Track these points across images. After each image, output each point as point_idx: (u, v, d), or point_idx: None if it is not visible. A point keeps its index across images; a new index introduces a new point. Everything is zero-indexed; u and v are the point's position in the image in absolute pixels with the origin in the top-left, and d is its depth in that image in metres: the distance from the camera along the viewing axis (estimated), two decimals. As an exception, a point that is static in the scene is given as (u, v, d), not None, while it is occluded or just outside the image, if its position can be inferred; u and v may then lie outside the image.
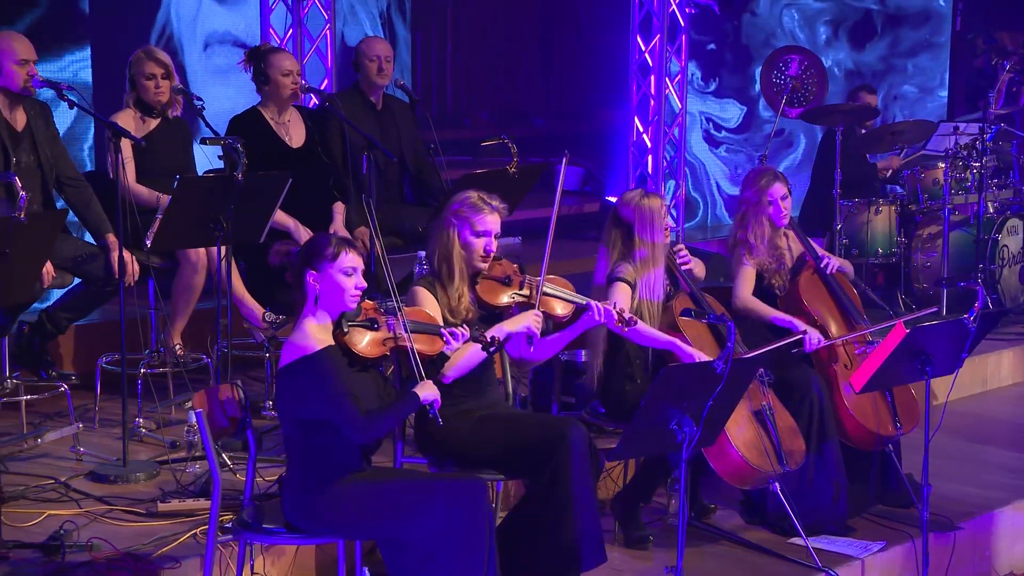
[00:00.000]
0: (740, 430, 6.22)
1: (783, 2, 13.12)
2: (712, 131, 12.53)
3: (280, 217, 7.26)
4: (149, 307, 7.32)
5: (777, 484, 6.29)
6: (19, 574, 5.37)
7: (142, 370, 7.04)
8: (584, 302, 5.95)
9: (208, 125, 7.07)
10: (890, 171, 10.66)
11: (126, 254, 6.64)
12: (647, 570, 6.15)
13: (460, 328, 5.40)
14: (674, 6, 11.20)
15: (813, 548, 6.26)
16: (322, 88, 9.20)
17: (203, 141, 6.99)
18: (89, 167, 8.81)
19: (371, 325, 5.16)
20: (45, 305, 7.31)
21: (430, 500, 5.07)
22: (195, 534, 5.64)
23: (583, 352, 6.72)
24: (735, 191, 12.14)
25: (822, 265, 6.99)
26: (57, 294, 7.28)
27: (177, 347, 7.23)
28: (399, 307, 5.21)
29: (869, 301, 9.42)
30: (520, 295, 5.83)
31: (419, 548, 5.04)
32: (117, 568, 5.40)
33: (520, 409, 6.65)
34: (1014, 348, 9.58)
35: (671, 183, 11.55)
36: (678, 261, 6.60)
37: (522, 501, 5.74)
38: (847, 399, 6.64)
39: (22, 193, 5.59)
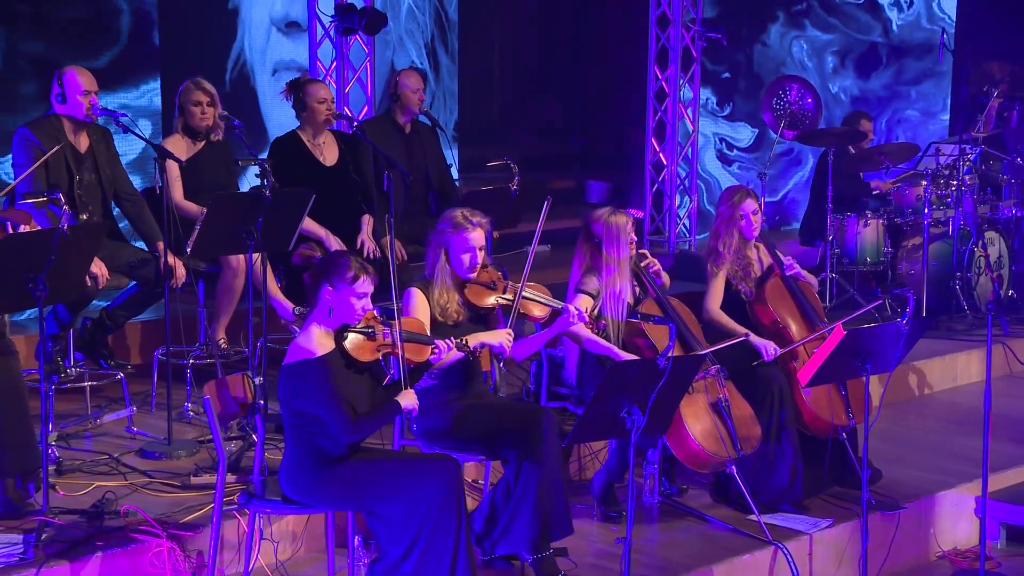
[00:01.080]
0: (698, 421, 6.27)
1: (792, 34, 12.97)
2: (725, 151, 12.41)
3: (313, 227, 7.36)
4: (199, 306, 7.44)
5: (734, 467, 6.33)
6: (61, 535, 5.42)
7: (191, 361, 7.16)
8: (560, 306, 6.04)
9: (247, 147, 7.13)
10: (880, 191, 10.68)
11: (173, 260, 6.74)
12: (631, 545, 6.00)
13: (447, 340, 5.46)
14: (687, 40, 11.12)
15: (768, 524, 6.30)
16: (363, 112, 9.29)
17: (237, 162, 7.14)
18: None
19: (369, 333, 5.23)
20: (105, 304, 7.36)
21: (408, 477, 5.16)
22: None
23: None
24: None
25: (788, 274, 7.01)
26: (115, 294, 7.35)
27: (221, 341, 7.34)
28: (398, 317, 5.28)
29: (856, 304, 9.54)
30: (503, 298, 5.91)
31: (398, 518, 5.13)
32: (145, 532, 5.47)
33: (512, 400, 6.76)
34: (995, 345, 9.37)
35: (685, 197, 11.51)
36: (648, 268, 6.62)
37: (501, 480, 5.77)
38: (805, 392, 6.63)
39: (66, 210, 5.70)
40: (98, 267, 6.60)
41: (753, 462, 6.58)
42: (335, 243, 7.45)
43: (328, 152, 7.76)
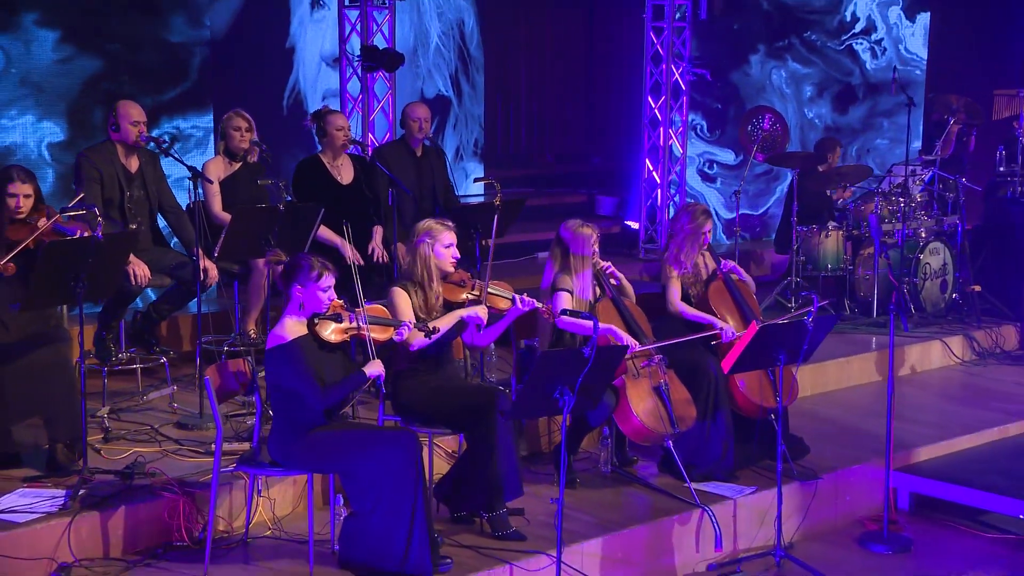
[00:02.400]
0: (641, 401, 6.39)
1: (771, 64, 12.81)
2: (707, 170, 12.34)
3: (330, 235, 7.41)
4: (234, 302, 7.60)
5: (671, 442, 6.46)
6: (95, 492, 5.63)
7: (226, 348, 7.26)
8: (525, 300, 6.10)
9: (263, 170, 7.33)
10: (841, 200, 10.73)
11: (206, 263, 6.86)
12: (575, 505, 6.21)
13: (408, 322, 5.62)
14: (676, 75, 11.19)
15: (699, 491, 6.42)
16: (386, 137, 9.33)
17: (258, 182, 7.27)
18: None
19: (336, 318, 5.39)
20: (151, 300, 7.53)
21: (372, 446, 5.32)
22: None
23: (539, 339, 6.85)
24: (730, 215, 12.23)
25: (724, 270, 7.11)
26: (159, 292, 7.44)
27: (251, 332, 7.45)
28: (362, 306, 5.47)
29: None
30: (472, 294, 6.05)
31: (367, 479, 5.28)
32: (165, 490, 5.67)
33: (475, 383, 6.87)
34: (937, 340, 9.51)
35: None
36: (607, 274, 6.74)
37: (463, 451, 5.96)
38: (738, 378, 6.74)
39: (100, 220, 5.90)
40: (140, 267, 6.72)
41: (692, 438, 6.69)
42: (349, 250, 7.44)
43: (345, 172, 7.80)
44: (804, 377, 8.45)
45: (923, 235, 10.15)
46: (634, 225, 11.64)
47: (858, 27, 13.45)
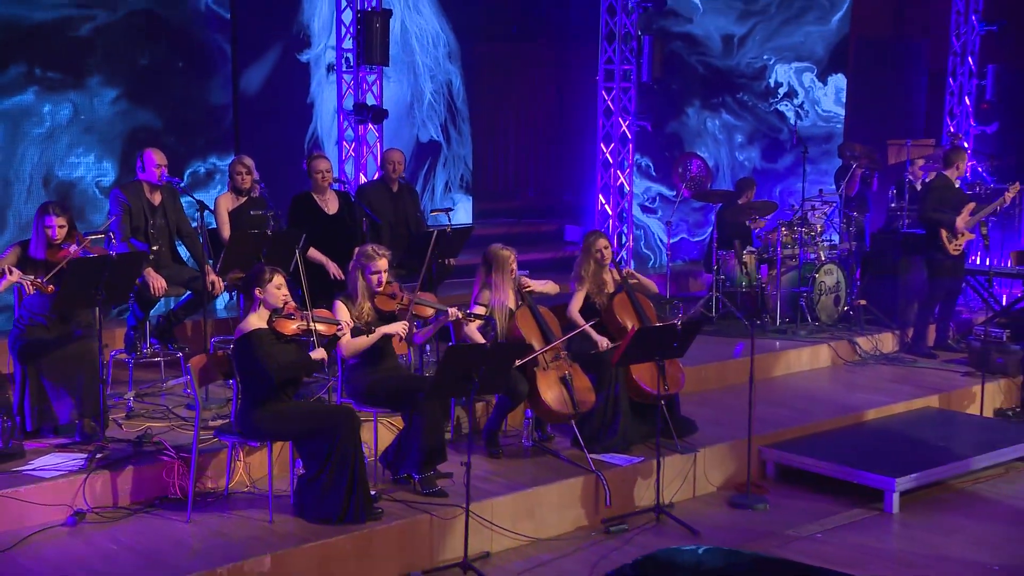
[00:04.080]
0: (549, 389, 6.62)
1: (706, 114, 12.88)
2: (647, 204, 12.46)
3: (318, 256, 7.65)
4: (240, 309, 7.63)
5: (573, 421, 6.68)
6: (110, 456, 5.94)
7: (231, 347, 7.57)
8: (442, 309, 6.39)
9: (266, 203, 7.49)
10: (757, 229, 10.97)
11: (213, 277, 7.11)
12: (495, 471, 6.48)
13: (346, 323, 5.90)
14: (624, 127, 11.45)
15: (596, 460, 6.57)
16: (375, 175, 9.34)
17: (250, 212, 7.45)
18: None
19: (289, 316, 5.66)
20: (171, 307, 7.69)
21: (321, 420, 5.59)
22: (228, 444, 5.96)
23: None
24: (671, 239, 12.47)
25: (630, 282, 7.30)
26: (177, 301, 7.59)
27: None
28: (310, 309, 5.79)
29: (734, 317, 9.81)
30: (402, 304, 6.29)
31: (314, 447, 5.56)
32: (165, 455, 5.98)
33: (410, 373, 6.92)
34: (826, 344, 9.61)
35: (624, 239, 11.73)
36: (524, 288, 6.92)
37: (402, 428, 6.18)
38: (634, 370, 6.91)
39: (115, 242, 6.22)
40: (157, 280, 7.00)
41: (596, 419, 6.89)
42: (333, 268, 7.66)
43: (330, 204, 7.94)
44: (711, 372, 8.74)
45: (821, 258, 10.34)
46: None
47: (781, 91, 13.68)
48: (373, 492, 5.84)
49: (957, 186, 9.86)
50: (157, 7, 9.39)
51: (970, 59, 14.01)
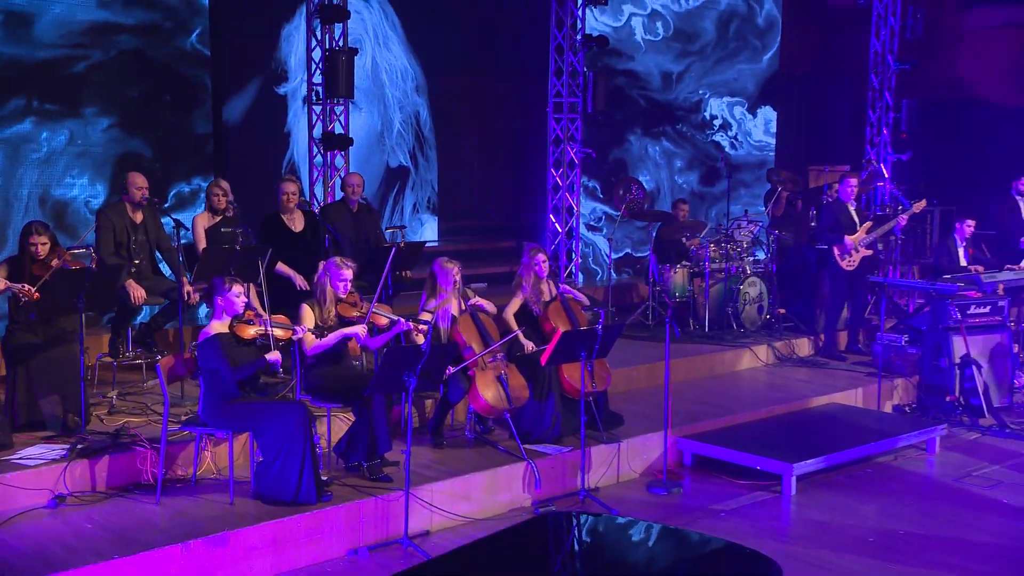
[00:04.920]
0: (487, 387, 6.76)
1: (647, 141, 13.07)
2: (593, 223, 12.62)
3: (285, 269, 7.75)
4: None
5: (509, 415, 6.80)
6: (90, 446, 6.04)
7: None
8: (396, 318, 6.52)
9: (240, 222, 7.59)
10: (691, 246, 11.18)
11: (189, 287, 7.22)
12: (439, 460, 6.62)
13: (301, 327, 6.07)
14: (572, 154, 11.61)
15: (529, 449, 6.73)
16: (342, 197, 9.26)
17: (221, 229, 7.57)
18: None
19: (249, 321, 5.81)
20: (145, 315, 7.85)
21: (276, 413, 5.72)
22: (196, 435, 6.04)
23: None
24: (617, 255, 12.70)
25: (562, 292, 7.47)
26: (156, 309, 7.74)
27: None
28: (268, 315, 5.97)
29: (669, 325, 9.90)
30: (360, 312, 6.44)
31: (269, 438, 5.69)
32: (139, 445, 6.08)
33: (362, 371, 6.97)
34: (747, 348, 9.77)
35: (573, 254, 11.87)
36: (470, 302, 7.03)
37: (353, 421, 6.32)
38: (566, 369, 7.05)
39: (94, 255, 6.34)
40: (137, 290, 7.12)
41: (531, 413, 7.03)
42: (299, 280, 7.71)
43: (297, 223, 8.03)
44: (642, 373, 8.87)
45: (747, 271, 10.55)
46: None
47: (716, 123, 13.95)
48: (325, 477, 5.99)
49: (854, 207, 10.10)
50: (146, 47, 9.61)
51: (887, 94, 14.30)
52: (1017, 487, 7.09)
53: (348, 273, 6.41)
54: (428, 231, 12.60)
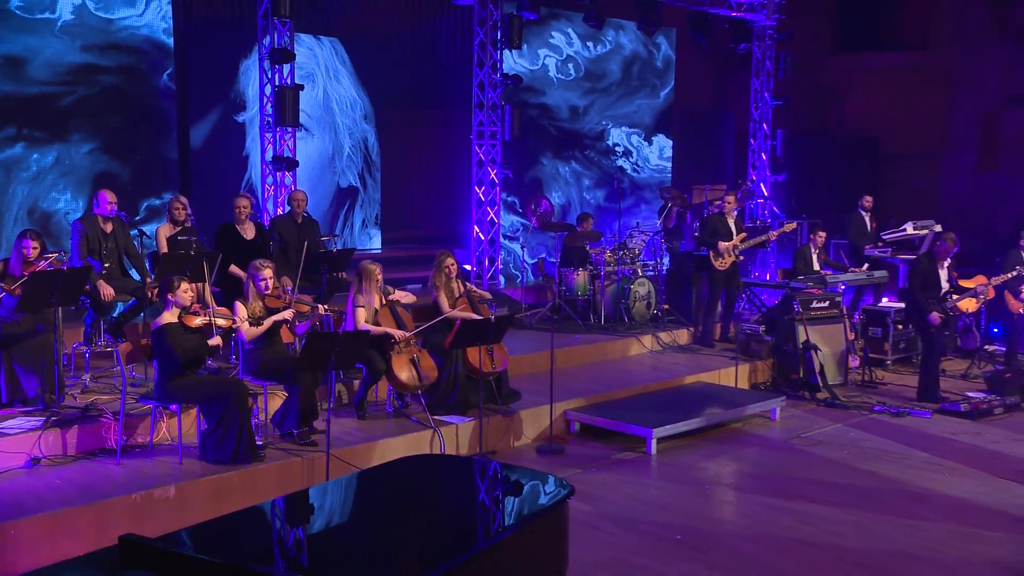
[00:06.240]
0: (402, 368, 7.01)
1: (557, 163, 13.34)
2: (510, 233, 12.83)
3: (237, 271, 7.83)
4: None
5: (421, 392, 7.06)
6: (62, 418, 6.18)
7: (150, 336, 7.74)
8: (315, 305, 6.72)
9: (196, 232, 7.77)
10: (593, 252, 11.52)
11: (151, 288, 7.35)
12: (360, 429, 6.77)
13: (240, 319, 6.32)
14: (492, 174, 11.88)
15: (437, 420, 6.95)
16: (288, 211, 9.18)
17: (177, 237, 7.71)
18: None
19: (195, 313, 6.03)
20: (118, 311, 7.78)
21: (217, 389, 5.96)
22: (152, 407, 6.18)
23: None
24: (531, 261, 13.08)
25: (470, 292, 7.72)
26: (123, 306, 7.76)
27: None
28: (212, 307, 6.27)
29: (572, 319, 10.23)
30: (285, 303, 6.62)
31: (212, 409, 5.94)
32: (104, 417, 6.28)
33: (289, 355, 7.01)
34: (634, 338, 10.07)
35: (494, 260, 12.07)
36: (390, 298, 7.24)
37: (286, 397, 6.53)
38: (470, 352, 7.23)
39: (64, 258, 6.53)
40: (107, 289, 7.27)
41: (441, 391, 7.26)
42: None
43: (248, 232, 8.14)
44: (544, 357, 8.86)
45: (638, 274, 10.95)
46: (468, 267, 12.43)
47: (619, 150, 14.37)
48: (260, 443, 6.24)
49: (732, 220, 10.58)
50: (125, 84, 9.83)
51: (765, 125, 14.86)
52: (833, 445, 7.60)
53: (266, 272, 6.56)
54: (375, 242, 12.88)
